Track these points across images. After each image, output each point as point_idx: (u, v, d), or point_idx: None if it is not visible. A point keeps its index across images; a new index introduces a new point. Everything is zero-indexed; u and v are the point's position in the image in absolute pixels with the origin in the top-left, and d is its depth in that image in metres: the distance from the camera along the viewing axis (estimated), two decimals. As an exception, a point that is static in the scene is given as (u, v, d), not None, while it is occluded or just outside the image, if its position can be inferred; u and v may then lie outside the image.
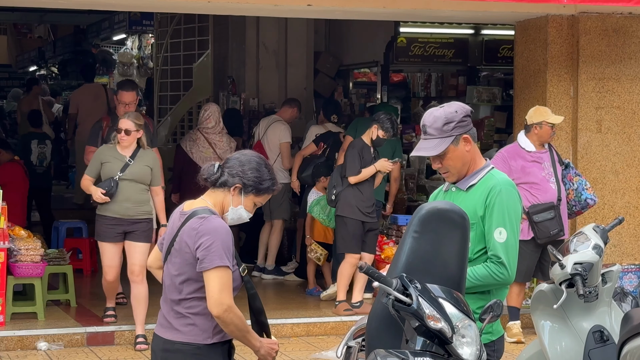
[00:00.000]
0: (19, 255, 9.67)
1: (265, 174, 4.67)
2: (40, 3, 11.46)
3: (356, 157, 10.13)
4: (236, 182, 4.63)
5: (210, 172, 4.65)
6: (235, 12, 11.73)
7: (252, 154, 4.73)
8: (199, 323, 4.56)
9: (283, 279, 12.31)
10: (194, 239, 4.49)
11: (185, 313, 4.56)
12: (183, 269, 4.55)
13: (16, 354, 8.97)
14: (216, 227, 4.50)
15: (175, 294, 4.58)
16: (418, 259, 4.48)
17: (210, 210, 4.59)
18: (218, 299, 4.44)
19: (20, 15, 24.62)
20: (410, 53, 15.36)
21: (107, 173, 9.06)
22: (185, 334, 4.56)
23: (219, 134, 11.78)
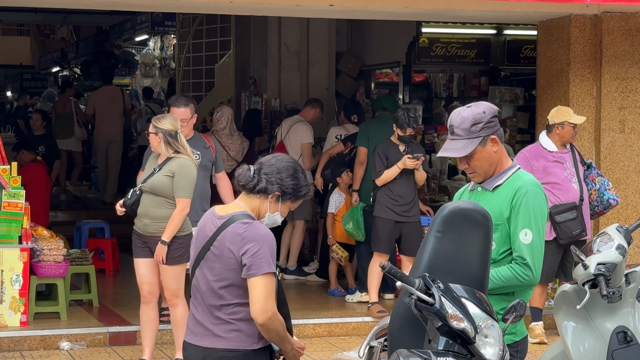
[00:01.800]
0: (41, 255, 9.71)
1: (302, 180, 4.64)
2: (63, 4, 11.52)
3: (377, 159, 10.14)
4: (275, 190, 4.58)
5: (248, 179, 4.58)
6: (258, 12, 11.74)
7: (287, 159, 4.67)
8: (243, 328, 4.50)
9: (305, 280, 12.32)
10: (239, 245, 4.44)
11: (227, 319, 4.50)
12: (224, 274, 4.49)
13: (39, 353, 9.01)
14: (262, 233, 4.46)
15: (215, 299, 4.51)
16: (441, 258, 4.47)
17: (250, 216, 4.54)
18: (263, 306, 4.40)
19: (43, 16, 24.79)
20: (432, 53, 15.34)
21: (138, 182, 8.32)
22: (230, 340, 4.50)
23: (230, 136, 12.02)
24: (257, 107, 15.10)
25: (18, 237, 9.36)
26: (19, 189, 9.39)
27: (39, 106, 23.50)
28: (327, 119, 14.93)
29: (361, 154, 10.81)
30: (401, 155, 10.09)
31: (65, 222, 14.38)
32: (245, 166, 4.65)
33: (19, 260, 9.31)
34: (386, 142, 10.22)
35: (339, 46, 15.95)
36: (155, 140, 8.09)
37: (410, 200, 10.19)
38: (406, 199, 10.15)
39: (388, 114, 10.93)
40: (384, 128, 10.41)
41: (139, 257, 8.21)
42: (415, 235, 10.24)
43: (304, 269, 12.51)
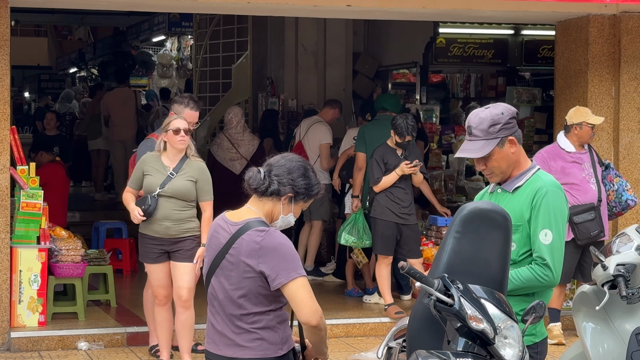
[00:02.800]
0: (59, 256, 9.74)
1: (313, 179, 4.58)
2: (81, 5, 11.54)
3: (374, 166, 10.14)
4: (288, 192, 4.51)
5: (259, 182, 4.50)
6: (275, 12, 11.74)
7: (297, 159, 4.60)
8: (267, 337, 4.45)
9: (322, 280, 12.31)
10: (257, 254, 4.37)
11: (249, 329, 4.44)
12: (242, 283, 4.42)
13: (57, 353, 9.03)
14: (281, 241, 4.40)
15: (235, 308, 4.46)
16: (460, 259, 4.45)
17: (264, 222, 4.47)
18: (311, 307, 4.38)
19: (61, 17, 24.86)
20: (449, 54, 15.32)
21: (147, 187, 8.09)
22: (255, 350, 4.44)
23: (240, 134, 12.08)
24: (274, 107, 15.10)
25: (36, 237, 9.38)
26: (37, 189, 9.41)
27: (58, 107, 23.63)
28: (344, 119, 14.92)
29: (359, 160, 10.76)
30: (399, 159, 10.08)
31: (83, 223, 14.40)
32: (255, 169, 4.56)
33: (37, 260, 9.34)
34: (383, 147, 10.20)
35: (356, 46, 15.94)
36: (185, 140, 8.06)
37: (409, 203, 10.22)
38: (405, 202, 10.17)
39: (387, 116, 10.87)
40: (382, 131, 10.33)
41: (156, 262, 8.14)
42: (415, 237, 10.29)
43: (321, 269, 12.50)
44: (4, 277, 9.04)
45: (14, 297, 9.23)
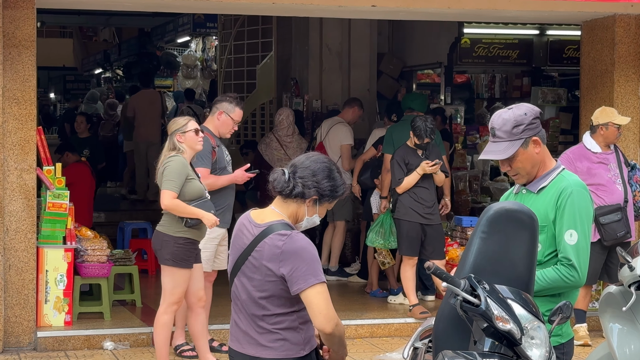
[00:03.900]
0: (85, 256, 9.78)
1: (338, 179, 4.53)
2: (106, 6, 11.59)
3: (396, 167, 10.13)
4: (312, 194, 4.48)
5: (283, 184, 4.47)
6: (299, 13, 11.75)
7: (321, 160, 4.54)
8: (289, 337, 4.44)
9: (346, 280, 12.31)
10: (279, 259, 4.36)
11: (272, 329, 4.44)
12: (264, 286, 4.42)
13: (83, 353, 9.06)
14: (303, 245, 4.37)
15: (257, 309, 4.45)
16: (486, 259, 4.44)
17: (287, 225, 4.45)
18: (327, 315, 4.34)
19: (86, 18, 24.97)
20: (474, 54, 15.28)
21: (196, 191, 7.88)
22: (277, 350, 4.44)
23: (290, 136, 12.15)
24: (299, 108, 15.11)
25: (62, 237, 9.43)
26: (63, 189, 9.45)
27: (84, 108, 23.74)
28: (369, 120, 14.92)
29: (387, 161, 10.73)
30: (420, 159, 10.08)
31: (108, 223, 14.46)
32: (279, 170, 4.52)
33: (63, 260, 9.38)
34: (404, 148, 10.20)
35: (381, 47, 15.93)
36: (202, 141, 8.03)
37: (432, 202, 10.21)
38: (429, 202, 10.16)
39: (414, 116, 10.85)
40: (409, 131, 10.32)
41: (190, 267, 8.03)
42: (439, 237, 10.28)
43: (345, 270, 12.50)
44: (31, 277, 9.09)
45: (40, 296, 9.27)
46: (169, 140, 7.95)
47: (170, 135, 7.95)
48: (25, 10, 9.01)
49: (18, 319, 9.05)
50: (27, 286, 9.07)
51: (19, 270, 9.03)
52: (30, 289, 9.09)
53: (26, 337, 9.08)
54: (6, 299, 8.99)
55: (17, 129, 9.01)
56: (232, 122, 8.73)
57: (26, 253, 9.06)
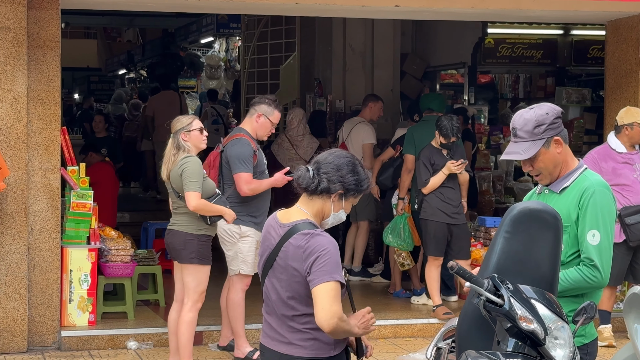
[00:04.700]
0: (109, 256, 9.82)
1: (362, 174, 4.57)
2: (130, 6, 11.62)
3: (422, 168, 10.12)
4: (338, 189, 4.51)
5: (308, 181, 4.51)
6: (323, 13, 11.75)
7: (344, 155, 4.59)
8: (319, 337, 4.46)
9: (369, 281, 12.30)
10: (302, 258, 4.39)
11: (302, 329, 4.47)
12: (291, 286, 4.45)
13: (107, 352, 9.09)
14: (324, 244, 4.39)
15: (286, 309, 4.49)
16: (509, 259, 4.43)
17: (311, 224, 4.48)
18: (328, 312, 4.33)
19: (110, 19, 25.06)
20: (497, 54, 15.25)
21: (211, 188, 8.01)
22: (307, 349, 4.47)
23: (301, 135, 12.11)
24: (322, 108, 15.11)
25: (86, 237, 9.46)
26: (87, 189, 9.49)
27: (111, 109, 23.83)
28: (392, 120, 14.90)
29: (408, 162, 10.70)
30: (445, 159, 10.06)
31: (132, 223, 14.50)
32: (303, 167, 4.56)
33: (87, 260, 9.41)
34: (428, 148, 10.18)
35: (404, 47, 15.91)
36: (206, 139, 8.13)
37: (458, 202, 10.19)
38: (455, 202, 10.15)
39: (434, 116, 10.80)
40: (430, 132, 10.26)
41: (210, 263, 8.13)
42: (465, 237, 10.26)
43: (368, 270, 12.49)
44: (55, 277, 9.13)
45: (64, 296, 9.31)
46: (172, 139, 7.98)
47: (175, 133, 7.97)
48: (49, 11, 9.06)
49: (42, 319, 9.09)
50: (51, 286, 9.11)
51: (43, 270, 9.07)
52: (54, 288, 9.13)
53: (50, 336, 9.12)
54: (30, 298, 9.03)
55: (42, 129, 9.05)
56: (271, 124, 8.71)
57: (50, 253, 9.10)
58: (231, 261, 8.63)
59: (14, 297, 8.89)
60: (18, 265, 8.89)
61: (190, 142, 7.95)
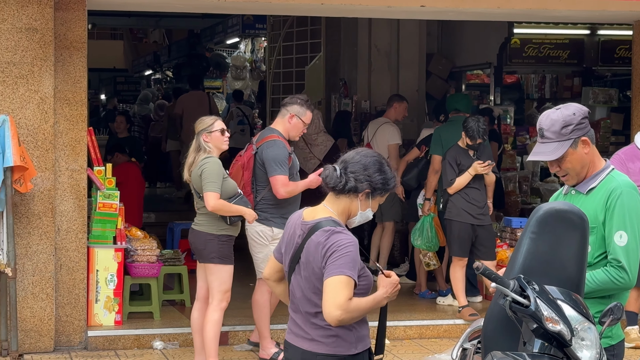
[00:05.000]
0: (135, 256, 9.85)
1: (388, 172, 4.59)
2: (156, 7, 11.66)
3: (448, 168, 10.12)
4: (365, 188, 4.54)
5: (336, 180, 4.53)
6: (348, 13, 11.75)
7: (371, 154, 4.62)
8: (341, 334, 4.50)
9: (395, 282, 12.25)
10: (321, 254, 4.43)
11: (324, 325, 4.50)
12: (313, 283, 4.49)
13: (133, 352, 9.13)
14: (341, 241, 4.42)
15: (310, 306, 4.53)
16: (535, 260, 4.41)
17: (334, 221, 4.51)
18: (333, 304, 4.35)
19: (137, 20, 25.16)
20: (524, 54, 15.20)
21: (231, 189, 8.05)
22: (329, 346, 4.50)
23: (315, 134, 12.07)
24: (347, 108, 15.10)
25: (112, 237, 9.50)
26: (114, 190, 9.53)
27: (137, 110, 23.91)
28: (417, 121, 14.87)
29: (435, 162, 10.68)
30: (472, 160, 10.04)
31: (158, 223, 14.54)
32: (330, 167, 4.58)
33: (114, 260, 9.45)
34: (455, 148, 10.17)
35: (430, 47, 15.89)
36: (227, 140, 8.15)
37: (483, 203, 10.17)
38: (480, 203, 10.12)
39: (461, 117, 10.78)
40: (457, 132, 10.24)
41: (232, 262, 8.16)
42: (490, 238, 10.23)
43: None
44: (81, 277, 9.17)
45: (91, 296, 9.35)
46: (195, 140, 8.04)
47: (197, 134, 8.03)
48: (76, 12, 9.10)
49: (69, 318, 9.14)
50: (77, 286, 9.15)
51: (70, 270, 9.12)
52: (81, 288, 9.17)
53: (77, 336, 9.16)
54: (57, 298, 9.08)
55: (68, 129, 9.10)
56: (303, 125, 8.69)
57: (77, 253, 9.14)
58: (260, 263, 8.60)
59: (41, 296, 8.94)
60: (45, 265, 8.94)
61: (212, 143, 7.99)
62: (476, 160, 10.03)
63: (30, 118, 8.87)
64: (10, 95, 8.81)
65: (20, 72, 8.82)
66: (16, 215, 8.76)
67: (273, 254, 4.80)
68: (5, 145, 8.39)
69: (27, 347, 8.91)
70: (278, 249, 4.76)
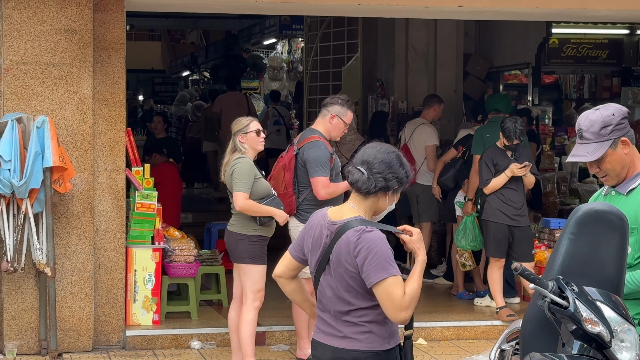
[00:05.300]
0: (173, 256, 9.89)
1: (406, 164, 4.64)
2: (194, 8, 11.69)
3: (484, 168, 10.08)
4: (394, 185, 4.59)
5: (364, 182, 4.55)
6: (385, 14, 11.74)
7: (389, 150, 4.62)
8: (375, 330, 4.54)
9: (432, 282, 12.25)
10: (354, 254, 4.45)
11: (358, 322, 4.54)
12: (346, 281, 4.51)
13: (171, 352, 9.16)
14: (374, 240, 4.46)
15: (342, 305, 4.55)
16: (574, 261, 4.39)
17: (363, 220, 4.55)
18: (397, 307, 4.41)
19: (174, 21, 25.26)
20: (562, 54, 15.11)
21: (264, 189, 8.08)
22: (363, 342, 4.52)
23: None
24: (384, 109, 15.08)
25: (150, 237, 9.54)
26: (152, 190, 9.57)
27: (174, 110, 24.00)
28: (455, 121, 14.83)
29: (476, 163, 10.65)
30: (509, 161, 9.99)
31: (195, 224, 14.59)
32: (357, 170, 4.58)
33: (152, 260, 9.50)
34: (493, 149, 10.14)
35: (467, 48, 15.83)
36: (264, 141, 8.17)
37: (521, 204, 10.11)
38: (517, 204, 10.07)
39: (501, 117, 10.74)
40: (499, 132, 10.20)
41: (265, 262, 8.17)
42: (527, 239, 10.17)
43: (431, 271, 12.44)
44: (120, 277, 9.22)
45: (129, 296, 9.40)
46: (231, 141, 8.09)
47: (233, 135, 8.08)
48: (115, 14, 9.15)
49: (107, 318, 9.19)
50: (116, 285, 9.20)
51: (108, 270, 9.17)
52: (119, 288, 9.22)
53: (115, 335, 9.21)
54: (96, 298, 9.13)
55: (107, 130, 9.15)
56: (344, 125, 8.65)
57: (115, 253, 9.19)
58: None
59: (80, 296, 9.00)
60: (84, 265, 9.00)
61: (247, 144, 8.05)
62: (513, 162, 9.98)
63: (69, 119, 8.93)
64: (50, 96, 8.88)
65: (59, 73, 8.89)
66: (55, 216, 8.82)
67: (289, 253, 4.81)
68: (45, 145, 8.46)
69: (66, 347, 8.97)
70: (297, 248, 4.77)
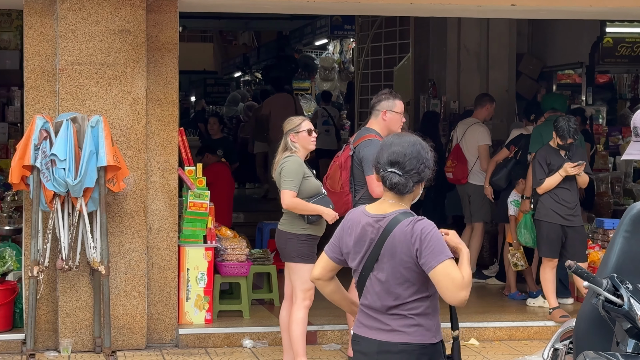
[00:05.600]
0: (225, 255, 9.94)
1: (427, 146, 4.68)
2: (246, 8, 11.73)
3: (537, 167, 10.01)
4: (428, 175, 4.65)
5: (403, 185, 4.58)
6: (438, 13, 11.70)
7: (414, 141, 4.64)
8: (424, 323, 4.57)
9: (484, 283, 12.20)
10: (410, 243, 4.49)
11: (407, 315, 4.56)
12: (400, 274, 4.54)
13: (223, 350, 9.21)
14: (427, 226, 4.51)
15: (391, 299, 4.57)
16: (629, 259, 4.36)
17: (409, 212, 4.60)
18: (459, 286, 4.44)
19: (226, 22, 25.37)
20: (616, 53, 14.99)
21: (314, 188, 8.06)
22: (411, 335, 4.55)
23: None
24: (436, 109, 15.04)
25: (203, 236, 9.60)
26: (204, 189, 9.63)
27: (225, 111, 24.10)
28: (507, 121, 14.75)
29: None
30: (563, 160, 9.92)
31: (247, 224, 14.64)
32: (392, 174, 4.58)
33: (204, 259, 9.55)
34: (546, 148, 10.07)
35: (520, 47, 15.73)
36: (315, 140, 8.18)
37: (574, 204, 10.03)
38: (571, 204, 9.99)
39: (557, 116, 10.68)
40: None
41: None
42: (581, 239, 10.09)
43: (483, 272, 12.39)
44: (173, 275, 9.28)
45: (181, 294, 9.46)
46: (283, 140, 8.12)
47: (285, 134, 8.11)
48: (168, 15, 9.22)
49: (160, 316, 9.26)
50: (169, 284, 9.27)
51: (161, 269, 9.24)
52: (172, 286, 9.28)
53: (168, 334, 9.27)
54: (149, 296, 9.20)
55: (160, 130, 9.22)
56: (399, 115, 8.58)
57: (168, 251, 9.26)
58: None
59: (133, 294, 9.07)
60: (137, 264, 9.07)
61: (299, 143, 8.06)
62: (567, 161, 9.92)
63: (123, 118, 9.00)
64: (104, 96, 8.96)
65: (113, 73, 8.97)
66: (109, 214, 8.91)
67: (326, 254, 4.81)
68: (99, 145, 8.54)
69: (120, 344, 9.05)
70: (334, 249, 4.77)
